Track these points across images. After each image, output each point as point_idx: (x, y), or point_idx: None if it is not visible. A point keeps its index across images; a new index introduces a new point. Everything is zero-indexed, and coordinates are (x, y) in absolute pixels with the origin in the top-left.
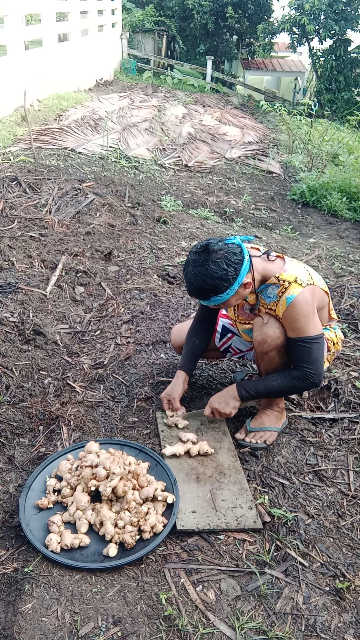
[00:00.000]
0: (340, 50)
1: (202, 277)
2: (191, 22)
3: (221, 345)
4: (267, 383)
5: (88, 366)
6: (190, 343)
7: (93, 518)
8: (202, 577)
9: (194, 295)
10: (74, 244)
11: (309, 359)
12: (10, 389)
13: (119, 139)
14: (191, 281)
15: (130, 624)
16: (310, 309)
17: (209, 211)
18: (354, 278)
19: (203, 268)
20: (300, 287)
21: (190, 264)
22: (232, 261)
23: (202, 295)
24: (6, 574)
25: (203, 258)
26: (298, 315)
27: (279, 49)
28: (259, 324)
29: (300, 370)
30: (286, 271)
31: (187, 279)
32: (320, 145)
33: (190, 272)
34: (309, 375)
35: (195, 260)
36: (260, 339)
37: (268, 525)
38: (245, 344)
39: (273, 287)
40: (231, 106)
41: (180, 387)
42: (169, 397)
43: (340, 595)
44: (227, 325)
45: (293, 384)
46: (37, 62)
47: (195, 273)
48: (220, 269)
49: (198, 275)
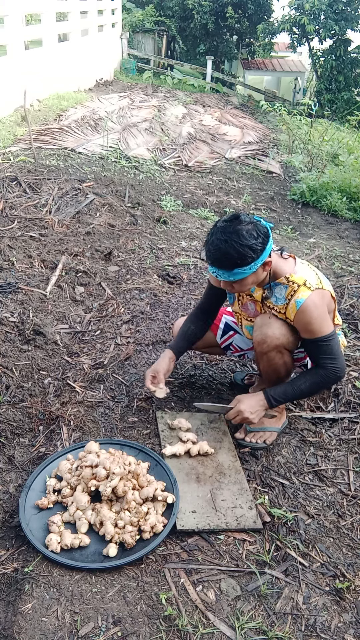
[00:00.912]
0: (340, 50)
1: (232, 243)
2: (191, 22)
3: (222, 342)
4: (295, 387)
5: (88, 366)
6: (185, 327)
7: (93, 518)
8: (202, 577)
9: (217, 264)
10: (74, 244)
11: (330, 355)
12: (10, 389)
13: (119, 139)
14: (219, 247)
15: (130, 624)
16: (320, 311)
17: (209, 211)
18: (354, 278)
19: (235, 234)
20: (308, 291)
21: (219, 231)
22: (261, 232)
23: (227, 264)
24: (6, 574)
25: (234, 225)
26: (310, 318)
27: (279, 49)
28: (259, 324)
29: (325, 368)
30: (296, 273)
31: (214, 245)
32: (320, 145)
33: (218, 239)
34: (335, 370)
35: (224, 228)
36: (259, 339)
37: (268, 525)
38: (246, 342)
39: (281, 287)
40: (231, 106)
41: (165, 363)
42: (153, 373)
43: (340, 595)
44: (230, 323)
45: (320, 381)
46: (37, 62)
47: (224, 239)
48: (251, 237)
49: (228, 241)
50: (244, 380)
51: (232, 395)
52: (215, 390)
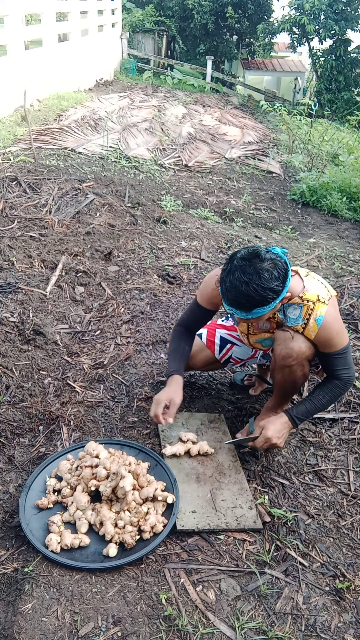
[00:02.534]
0: (340, 50)
1: (254, 286)
2: (191, 22)
3: (222, 357)
4: (316, 403)
5: (88, 366)
6: (180, 349)
7: (93, 518)
8: (202, 577)
9: (236, 305)
10: (74, 244)
11: (345, 366)
12: (10, 389)
13: (119, 139)
14: (239, 289)
15: (130, 624)
16: (339, 324)
17: (209, 211)
18: (354, 278)
19: (256, 276)
20: (325, 306)
21: (237, 270)
22: (282, 270)
23: (246, 306)
24: (6, 574)
25: (255, 265)
26: (332, 333)
27: (279, 49)
28: (283, 338)
29: (340, 379)
30: (308, 290)
31: (234, 286)
32: (320, 145)
33: (238, 279)
34: (349, 379)
35: (243, 267)
36: (285, 353)
37: (268, 525)
38: (246, 352)
39: (295, 307)
40: (231, 106)
41: (181, 394)
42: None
43: (340, 595)
44: (225, 336)
45: (338, 392)
46: (37, 62)
47: (245, 280)
48: (273, 279)
49: (249, 283)
50: (244, 381)
51: (232, 395)
52: (215, 390)
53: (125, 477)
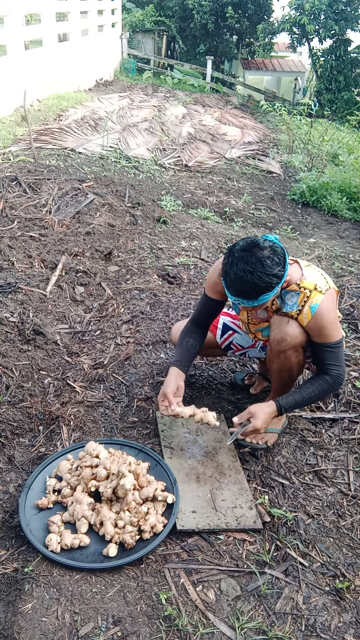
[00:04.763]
0: (340, 50)
1: (258, 274)
2: (191, 22)
3: (222, 342)
4: (304, 395)
5: (88, 366)
6: (183, 342)
7: (93, 518)
8: (202, 577)
9: (242, 295)
10: (74, 244)
11: (336, 362)
12: (10, 389)
13: (119, 139)
14: (244, 279)
15: (130, 624)
16: (334, 315)
17: (209, 211)
18: (354, 278)
19: (259, 264)
20: (321, 295)
21: (240, 262)
22: (280, 255)
23: (252, 294)
24: (6, 574)
25: (256, 255)
26: (325, 323)
27: (279, 49)
28: (278, 323)
29: (330, 375)
30: (306, 278)
31: (238, 277)
32: (320, 145)
33: (242, 270)
34: (339, 377)
35: (245, 258)
36: (279, 337)
37: (268, 525)
38: (247, 340)
39: (293, 294)
40: (231, 106)
41: (172, 382)
42: (162, 397)
43: (340, 595)
44: (228, 323)
45: (326, 388)
46: (37, 62)
47: (250, 270)
48: (275, 264)
49: (254, 272)
50: (244, 381)
51: (232, 395)
52: (215, 390)
53: (127, 476)
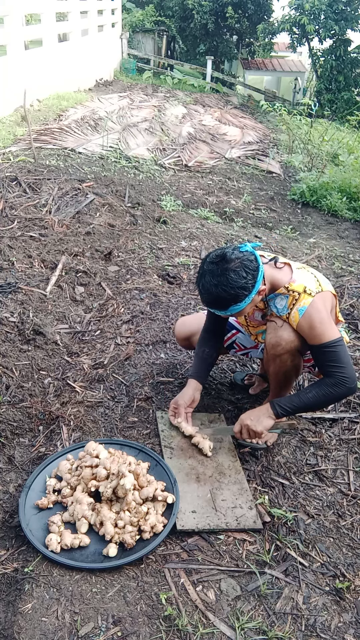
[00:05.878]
0: (340, 50)
1: (223, 287)
2: (191, 22)
3: (225, 340)
4: (302, 397)
5: (88, 366)
6: (200, 352)
7: (93, 518)
8: (202, 577)
9: (212, 306)
10: (74, 244)
11: (337, 363)
12: (10, 389)
13: (119, 139)
14: (210, 291)
15: (130, 624)
16: (324, 314)
17: (209, 211)
18: (354, 278)
19: (223, 277)
20: (310, 297)
21: (207, 274)
22: (250, 269)
23: (221, 305)
24: (6, 574)
25: (222, 267)
26: (313, 322)
27: (279, 49)
28: (273, 327)
29: (333, 377)
30: (295, 281)
31: (205, 289)
32: (320, 145)
33: (208, 282)
34: (343, 380)
35: (212, 271)
36: (274, 342)
37: (268, 525)
38: (249, 340)
39: (282, 297)
40: (231, 106)
41: (188, 394)
42: (174, 405)
43: (340, 595)
44: (231, 322)
45: (328, 392)
46: (37, 62)
47: (215, 283)
48: (240, 278)
49: (218, 285)
50: (244, 381)
51: (232, 395)
52: (215, 390)
53: (127, 476)
